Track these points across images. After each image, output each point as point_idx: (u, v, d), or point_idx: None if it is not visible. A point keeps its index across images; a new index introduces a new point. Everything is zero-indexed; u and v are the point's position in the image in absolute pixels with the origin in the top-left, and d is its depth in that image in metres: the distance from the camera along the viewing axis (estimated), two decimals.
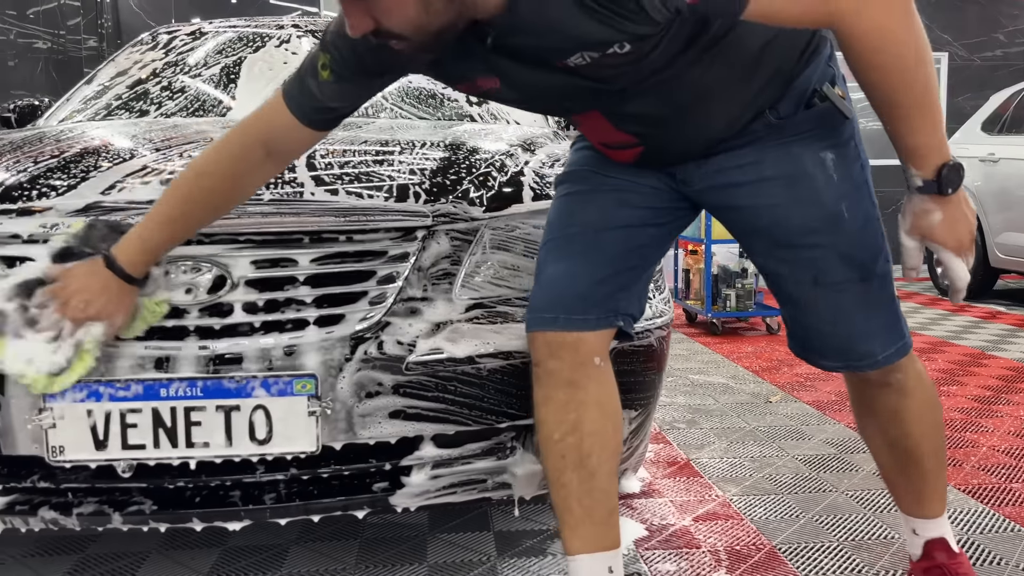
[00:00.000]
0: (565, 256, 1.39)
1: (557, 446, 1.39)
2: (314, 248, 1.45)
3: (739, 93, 1.28)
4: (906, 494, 1.57)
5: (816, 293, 1.35)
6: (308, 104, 1.29)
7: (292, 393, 1.37)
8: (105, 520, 1.42)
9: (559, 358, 1.37)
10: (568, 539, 1.42)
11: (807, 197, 1.32)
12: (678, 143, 1.33)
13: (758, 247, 1.40)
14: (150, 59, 2.92)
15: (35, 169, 1.56)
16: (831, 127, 1.32)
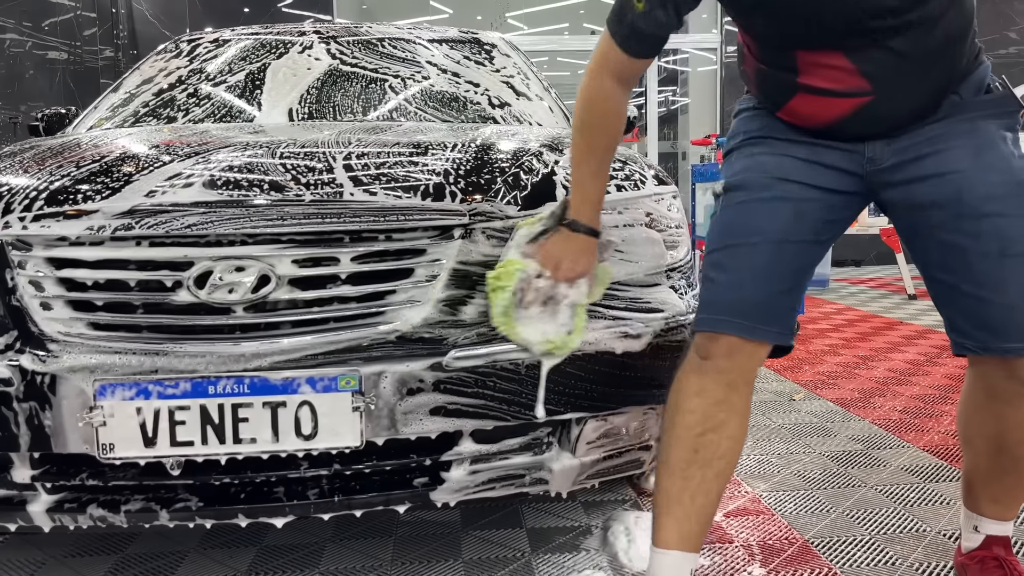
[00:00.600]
0: (749, 266, 1.42)
1: (696, 439, 1.42)
2: (355, 247, 1.47)
3: (955, 59, 1.35)
4: (989, 496, 1.57)
5: (1003, 265, 1.33)
6: (636, 39, 1.38)
7: (336, 389, 1.39)
8: (152, 517, 1.45)
9: (734, 360, 1.42)
10: (667, 529, 1.44)
11: (993, 163, 1.34)
12: (898, 106, 1.36)
13: (942, 220, 1.37)
14: (175, 67, 2.95)
15: (78, 174, 1.59)
16: (1008, 110, 1.39)
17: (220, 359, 1.39)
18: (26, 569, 1.87)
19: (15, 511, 1.47)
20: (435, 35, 3.16)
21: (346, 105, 2.60)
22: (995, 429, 1.48)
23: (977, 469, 1.56)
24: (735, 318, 1.41)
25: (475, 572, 1.81)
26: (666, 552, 1.44)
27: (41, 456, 1.45)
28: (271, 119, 2.52)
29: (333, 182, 1.55)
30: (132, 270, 1.44)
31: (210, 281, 1.42)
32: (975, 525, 1.59)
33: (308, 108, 2.56)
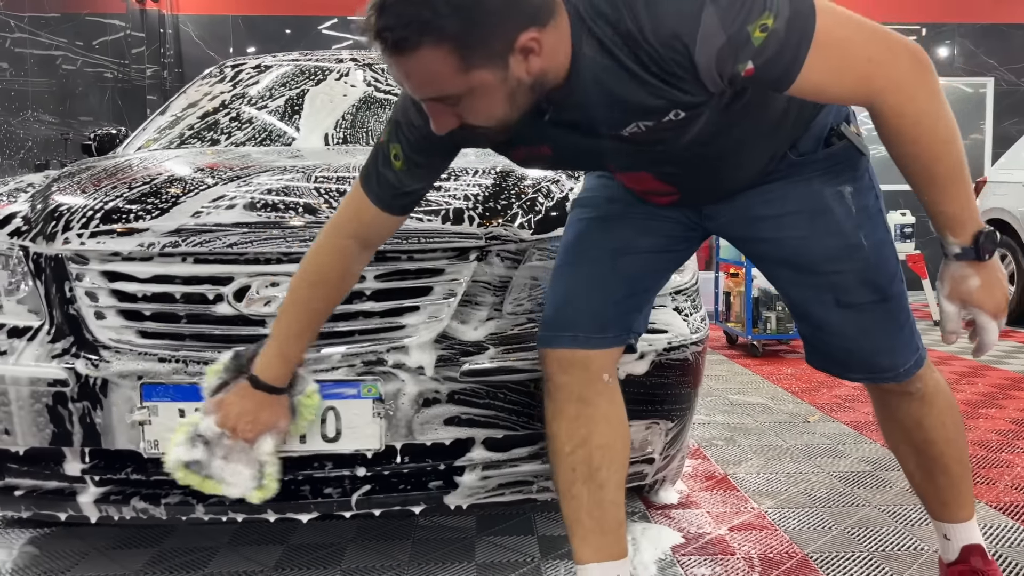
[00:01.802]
0: (583, 278, 1.48)
1: (568, 459, 1.48)
2: (379, 266, 1.60)
3: (769, 140, 1.37)
4: (935, 500, 1.65)
5: (840, 314, 1.44)
6: (388, 194, 1.35)
7: (360, 396, 1.52)
8: (189, 510, 1.58)
9: (569, 374, 1.47)
10: (578, 549, 1.50)
11: (828, 228, 1.41)
12: (713, 189, 1.43)
13: (782, 275, 1.49)
14: (219, 91, 3.12)
15: (130, 195, 1.74)
16: (849, 163, 1.42)
17: None
18: (71, 559, 2.02)
19: (66, 501, 1.61)
20: None
21: (379, 131, 2.74)
22: (903, 436, 1.59)
23: (913, 476, 1.65)
24: (561, 332, 1.46)
25: (487, 574, 1.91)
26: (585, 567, 1.49)
27: (90, 451, 1.59)
28: (308, 143, 2.67)
29: None
30: (178, 284, 1.58)
31: (248, 295, 1.56)
32: (944, 533, 1.67)
33: (343, 133, 2.71)
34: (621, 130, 1.22)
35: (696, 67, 1.10)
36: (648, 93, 1.15)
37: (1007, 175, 6.15)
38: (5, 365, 1.56)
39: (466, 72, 1.08)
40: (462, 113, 1.14)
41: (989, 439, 3.04)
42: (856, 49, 1.15)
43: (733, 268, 5.37)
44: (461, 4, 1.04)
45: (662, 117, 1.18)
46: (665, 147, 1.27)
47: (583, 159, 1.37)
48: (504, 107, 1.13)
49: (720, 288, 5.63)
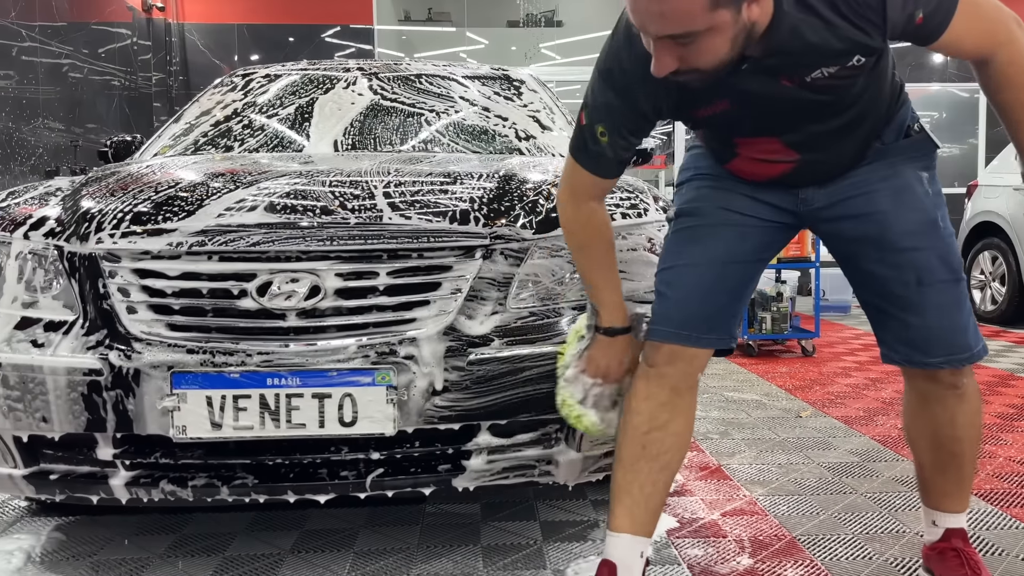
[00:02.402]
0: (693, 283, 1.62)
1: (643, 437, 1.62)
2: (391, 263, 1.72)
3: (877, 119, 1.56)
4: (939, 491, 1.77)
5: (921, 292, 1.56)
6: (606, 163, 1.55)
7: (374, 384, 1.63)
8: (214, 492, 1.69)
9: (674, 366, 1.62)
10: (619, 517, 1.63)
11: (910, 203, 1.57)
12: (827, 164, 1.58)
13: (868, 253, 1.60)
14: (231, 99, 3.23)
15: (157, 198, 1.86)
16: (925, 151, 1.61)
17: (277, 356, 1.64)
18: (96, 544, 2.13)
19: (98, 485, 1.73)
20: (469, 71, 3.42)
21: (385, 137, 2.86)
22: (930, 429, 1.70)
23: (924, 468, 1.77)
24: (680, 329, 1.61)
25: (492, 556, 2.03)
26: (619, 535, 1.63)
27: (122, 437, 1.70)
28: (318, 149, 2.78)
29: (374, 207, 1.80)
30: (204, 280, 1.70)
31: (270, 290, 1.67)
32: (933, 520, 1.78)
33: (352, 139, 2.83)
34: (807, 75, 1.40)
35: (886, 9, 1.32)
36: (838, 38, 1.34)
37: (997, 179, 6.27)
38: (44, 356, 1.67)
39: (713, 11, 1.22)
40: (688, 55, 1.28)
41: None
42: (984, 11, 1.40)
43: None
44: None
45: (846, 62, 1.38)
46: (829, 99, 1.45)
47: (756, 112, 1.49)
48: (727, 48, 1.29)
49: None
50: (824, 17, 1.32)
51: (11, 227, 1.85)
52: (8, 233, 1.84)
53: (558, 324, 1.78)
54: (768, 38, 1.33)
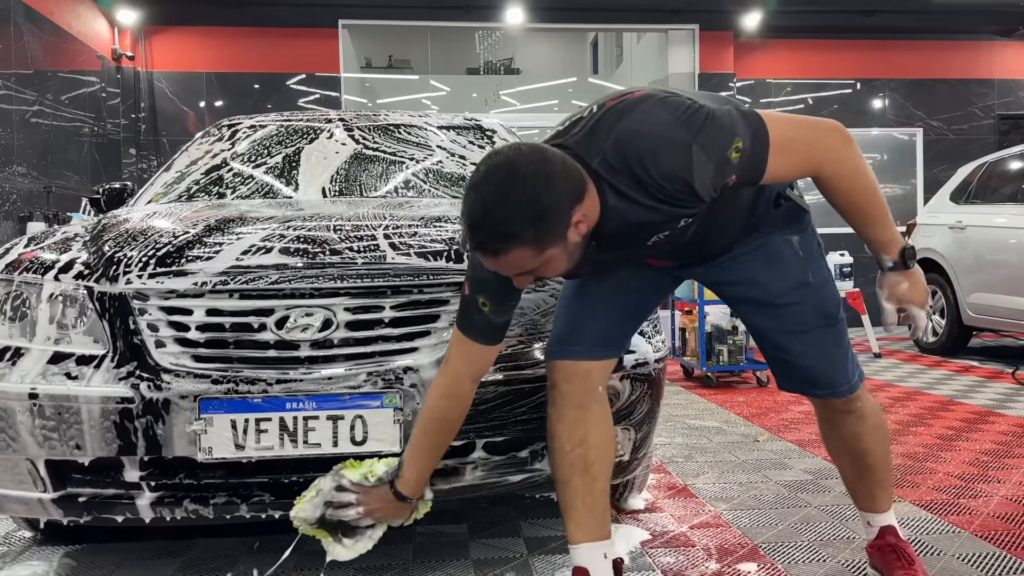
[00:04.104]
0: (585, 305, 1.83)
1: (568, 456, 1.80)
2: (395, 298, 1.92)
3: (740, 216, 1.74)
4: (862, 495, 2.01)
5: (800, 338, 1.80)
6: (487, 330, 1.69)
7: (383, 406, 1.82)
8: (234, 509, 1.85)
9: (571, 383, 1.80)
10: (572, 531, 1.83)
11: (781, 268, 1.79)
12: (702, 257, 1.81)
13: (748, 308, 1.85)
14: (219, 149, 3.41)
15: (178, 242, 2.04)
16: (794, 217, 1.81)
17: (295, 382, 1.82)
18: (106, 568, 2.26)
19: (124, 506, 1.88)
20: (443, 122, 3.65)
21: (370, 184, 3.07)
22: (842, 446, 1.95)
23: (846, 477, 2.01)
24: (568, 345, 1.79)
25: (483, 568, 2.20)
26: (578, 546, 1.82)
27: (149, 459, 1.86)
28: (307, 196, 2.97)
29: (377, 248, 2.01)
30: (227, 316, 1.88)
31: (287, 324, 1.86)
32: (868, 521, 2.03)
33: (339, 186, 3.03)
34: (647, 242, 1.60)
35: (695, 190, 1.46)
36: (660, 215, 1.52)
37: (933, 218, 6.69)
38: (79, 387, 1.83)
39: (540, 254, 1.42)
40: (538, 273, 1.48)
41: (917, 451, 3.42)
42: (799, 141, 1.55)
43: (688, 306, 5.77)
44: (534, 215, 1.37)
45: (675, 225, 1.56)
46: (675, 241, 1.64)
47: (618, 266, 1.77)
48: (566, 262, 1.49)
49: (676, 325, 6.02)
50: (643, 204, 1.49)
51: (41, 270, 2.01)
52: (39, 276, 2.00)
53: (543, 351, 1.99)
54: (601, 228, 1.51)
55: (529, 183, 1.37)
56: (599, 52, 13.19)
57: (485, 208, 1.37)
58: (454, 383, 1.74)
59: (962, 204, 6.50)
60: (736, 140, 1.46)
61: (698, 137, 1.44)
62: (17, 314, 1.99)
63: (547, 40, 11.83)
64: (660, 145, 1.44)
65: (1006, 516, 2.55)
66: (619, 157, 1.46)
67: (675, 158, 1.44)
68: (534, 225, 1.37)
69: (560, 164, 1.42)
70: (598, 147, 1.47)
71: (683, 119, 1.45)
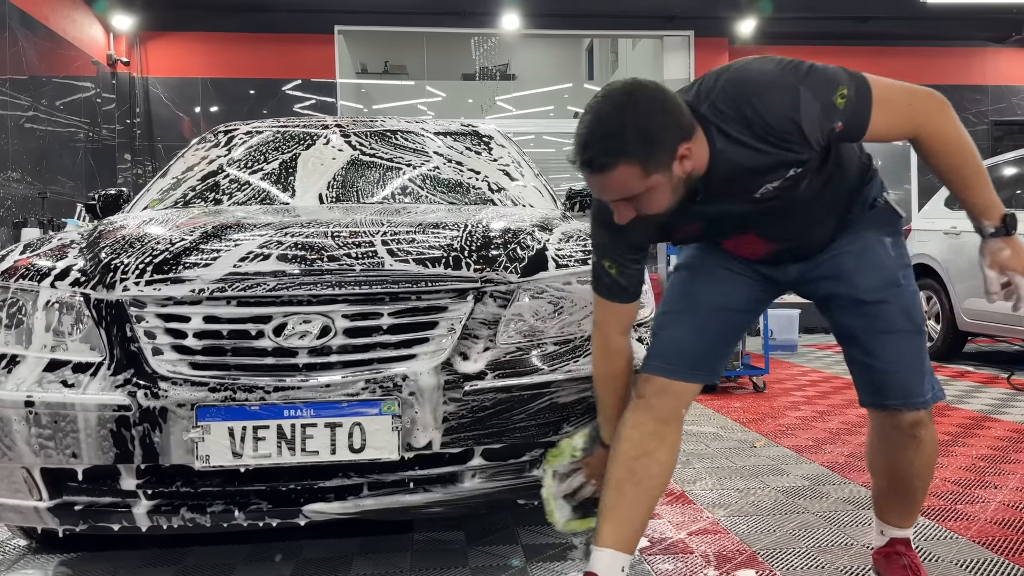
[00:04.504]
0: (687, 324, 1.85)
1: (631, 462, 1.80)
2: (393, 305, 1.91)
3: (841, 205, 1.77)
4: (890, 509, 2.00)
5: (884, 340, 1.78)
6: (619, 291, 1.78)
7: (380, 413, 1.82)
8: (231, 517, 1.85)
9: (661, 399, 1.82)
10: (604, 533, 1.79)
11: (872, 263, 1.78)
12: (804, 246, 1.81)
13: (839, 306, 1.84)
14: (215, 155, 3.40)
15: (175, 249, 2.03)
16: (888, 220, 1.83)
17: (292, 389, 1.81)
18: None
19: (120, 514, 1.86)
20: (440, 128, 3.65)
21: (367, 190, 3.07)
22: (888, 466, 1.92)
23: (880, 491, 2.00)
24: (668, 364, 1.82)
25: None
26: (603, 550, 1.77)
27: (146, 467, 1.85)
28: (304, 202, 2.97)
29: (375, 254, 2.00)
30: (224, 323, 1.87)
31: (285, 331, 1.85)
32: (881, 530, 2.02)
33: (336, 192, 3.03)
34: (754, 192, 1.63)
35: (803, 131, 1.52)
36: (769, 158, 1.56)
37: (928, 224, 6.70)
38: (75, 394, 1.82)
39: (646, 177, 1.48)
40: (639, 206, 1.54)
41: None
42: (898, 102, 1.59)
43: None
44: (644, 134, 1.44)
45: (784, 174, 1.60)
46: (782, 204, 1.66)
47: (724, 226, 1.76)
48: (669, 197, 1.54)
49: None
50: (753, 147, 1.55)
51: (37, 277, 2.00)
52: (35, 283, 1.99)
53: (541, 358, 1.99)
54: (711, 175, 1.58)
55: (643, 105, 1.46)
56: (594, 58, 13.22)
57: (599, 123, 1.46)
58: (607, 341, 1.84)
59: (956, 210, 6.51)
60: (841, 88, 1.54)
61: (804, 81, 1.52)
62: (13, 321, 1.98)
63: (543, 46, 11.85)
64: (768, 88, 1.53)
65: (1004, 522, 2.56)
66: (728, 101, 1.54)
67: (783, 98, 1.51)
68: (642, 144, 1.45)
69: (673, 99, 1.51)
70: (706, 95, 1.56)
71: (788, 68, 1.54)
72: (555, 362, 1.99)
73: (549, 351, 2.02)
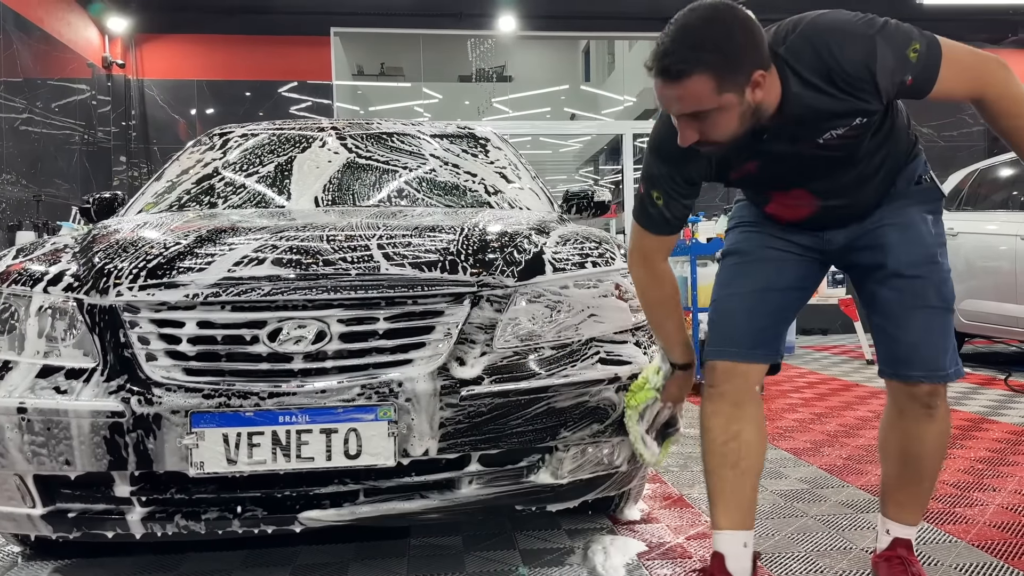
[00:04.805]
0: (739, 309, 1.91)
1: (720, 448, 1.89)
2: (389, 309, 1.90)
3: (890, 173, 1.82)
4: (897, 502, 2.01)
5: (913, 314, 1.82)
6: (662, 223, 1.84)
7: (376, 419, 1.80)
8: (226, 524, 1.83)
9: (730, 383, 1.88)
10: (718, 517, 1.91)
11: (914, 238, 1.82)
12: (847, 208, 1.84)
13: (876, 277, 1.86)
14: (210, 158, 3.39)
15: (169, 253, 2.02)
16: (931, 197, 1.87)
17: (288, 395, 1.80)
18: None
19: (114, 521, 1.85)
20: (436, 130, 3.64)
21: (363, 193, 3.05)
22: (902, 443, 1.93)
23: (889, 477, 2.00)
24: (728, 347, 1.89)
25: None
26: (720, 532, 1.90)
27: (140, 474, 1.83)
28: (299, 206, 2.96)
29: (371, 258, 1.99)
30: (219, 328, 1.86)
31: (280, 336, 1.84)
32: (887, 529, 2.01)
33: (331, 196, 3.01)
34: (819, 137, 1.67)
35: (876, 81, 1.58)
36: (840, 104, 1.61)
37: None
38: (68, 401, 1.80)
39: (719, 94, 1.52)
40: (704, 128, 1.58)
41: None
42: (966, 62, 1.65)
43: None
44: (722, 46, 1.50)
45: (851, 122, 1.64)
46: (841, 155, 1.71)
47: (780, 170, 1.78)
48: (736, 123, 1.58)
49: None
50: (825, 91, 1.60)
51: (30, 282, 1.99)
52: (28, 288, 1.97)
53: (538, 363, 1.98)
54: (781, 113, 1.62)
55: (728, 21, 1.52)
56: (591, 60, 13.22)
57: (683, 32, 1.51)
58: (649, 267, 1.91)
59: (953, 211, 6.51)
60: (914, 43, 1.60)
61: (881, 33, 1.59)
62: (6, 327, 1.96)
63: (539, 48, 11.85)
64: (845, 35, 1.59)
65: (1003, 525, 2.55)
66: (806, 44, 1.60)
67: (859, 46, 1.58)
68: (721, 58, 1.49)
69: (758, 27, 1.56)
70: (784, 37, 1.62)
71: (866, 20, 1.61)
72: (552, 366, 1.98)
73: (546, 355, 2.00)
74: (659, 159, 1.79)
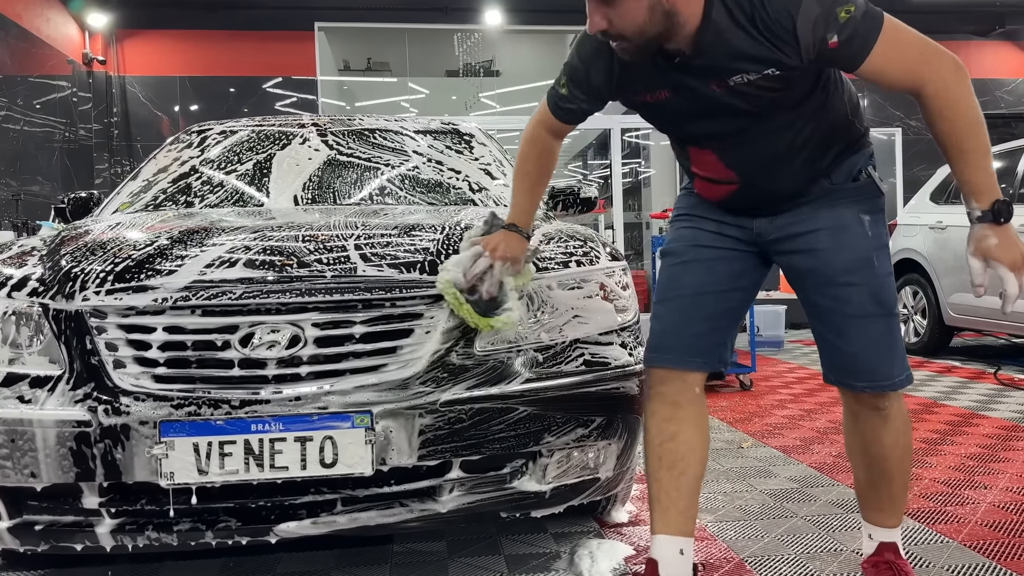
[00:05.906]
0: (674, 313, 1.85)
1: (656, 450, 1.84)
2: (366, 312, 1.84)
3: (818, 155, 1.74)
4: (873, 505, 1.96)
5: (852, 323, 1.75)
6: (555, 109, 1.84)
7: (353, 426, 1.74)
8: (199, 536, 1.77)
9: (667, 385, 1.84)
10: (655, 521, 1.85)
11: (847, 243, 1.75)
12: (764, 189, 1.77)
13: (810, 284, 1.80)
14: (187, 156, 3.32)
15: (138, 256, 1.95)
16: (869, 196, 1.79)
17: (261, 402, 1.74)
18: None
19: (83, 534, 1.79)
20: (419, 126, 3.57)
21: (344, 191, 2.99)
22: (861, 446, 1.90)
23: (859, 482, 1.96)
24: (663, 354, 1.84)
25: None
26: (656, 537, 1.85)
27: (108, 485, 1.77)
28: (278, 204, 2.89)
29: (347, 260, 1.93)
30: (189, 333, 1.79)
31: (252, 342, 1.78)
32: (869, 533, 1.97)
33: (311, 194, 2.95)
34: (730, 78, 1.59)
35: (796, 33, 1.49)
36: (757, 48, 1.54)
37: (914, 218, 6.68)
38: (33, 410, 1.74)
39: None
40: (612, 16, 1.53)
41: None
42: (912, 46, 1.55)
43: None
44: None
45: (763, 70, 1.56)
46: (754, 110, 1.64)
47: (692, 108, 1.69)
48: (645, 15, 1.52)
49: None
50: (744, 28, 1.53)
51: None
52: None
53: (521, 365, 1.92)
54: (697, 38, 1.56)
55: None
56: None
57: None
58: (536, 141, 1.91)
59: (942, 204, 6.49)
60: (849, 4, 1.49)
61: None
62: None
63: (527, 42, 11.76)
64: None
65: (995, 524, 2.51)
66: None
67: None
68: None
69: None
70: None
71: None
72: (535, 369, 1.93)
73: (529, 358, 1.95)
74: (578, 56, 1.77)
